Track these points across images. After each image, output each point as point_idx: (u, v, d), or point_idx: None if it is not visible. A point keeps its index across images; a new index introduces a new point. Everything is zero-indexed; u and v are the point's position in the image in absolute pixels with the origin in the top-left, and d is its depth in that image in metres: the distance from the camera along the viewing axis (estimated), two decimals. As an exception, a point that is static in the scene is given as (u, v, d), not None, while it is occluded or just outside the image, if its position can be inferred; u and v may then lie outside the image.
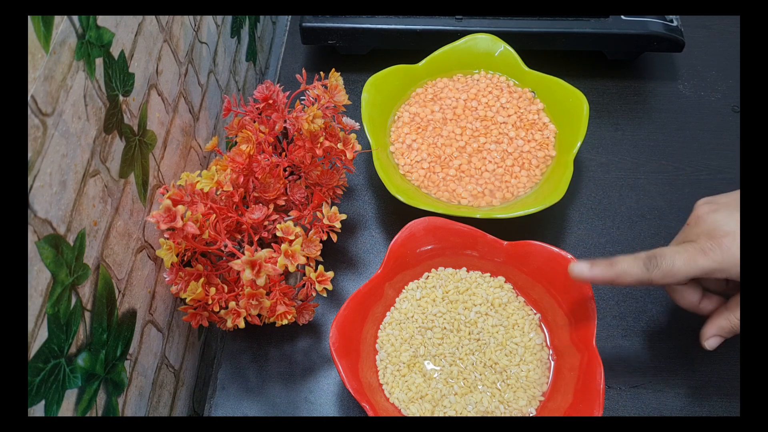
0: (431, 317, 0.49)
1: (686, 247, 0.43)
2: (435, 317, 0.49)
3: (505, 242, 0.49)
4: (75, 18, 0.34)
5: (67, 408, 0.34)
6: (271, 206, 0.46)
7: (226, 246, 0.43)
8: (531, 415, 0.45)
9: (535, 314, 0.49)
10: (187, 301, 0.43)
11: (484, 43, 0.62)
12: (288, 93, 0.51)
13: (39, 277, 0.31)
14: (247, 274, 0.40)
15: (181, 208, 0.39)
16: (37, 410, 0.31)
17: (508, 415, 0.45)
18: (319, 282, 0.45)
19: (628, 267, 0.42)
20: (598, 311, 0.48)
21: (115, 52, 0.39)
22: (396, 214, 0.58)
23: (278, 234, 0.43)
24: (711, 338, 0.45)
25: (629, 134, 0.64)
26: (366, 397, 0.43)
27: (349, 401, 0.49)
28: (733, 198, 0.44)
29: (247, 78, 0.72)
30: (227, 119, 0.63)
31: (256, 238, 0.46)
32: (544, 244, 0.48)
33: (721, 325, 0.45)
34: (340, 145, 0.48)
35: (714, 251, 0.42)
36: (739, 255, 0.41)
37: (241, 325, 0.43)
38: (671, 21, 0.63)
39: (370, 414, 0.42)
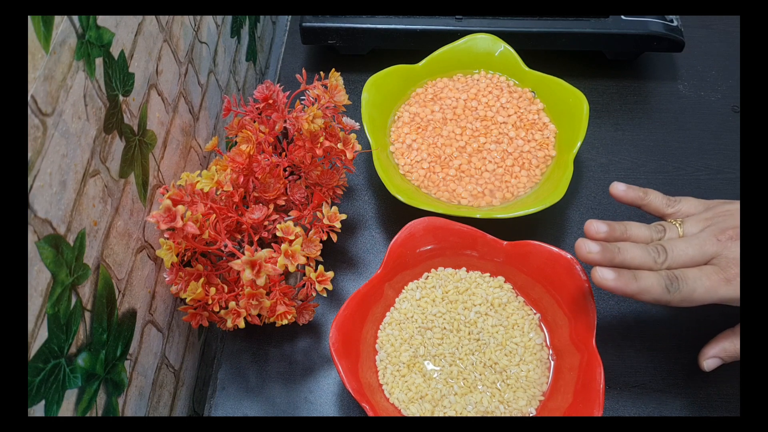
0: (431, 317, 0.49)
1: (710, 273, 0.42)
2: (435, 317, 0.49)
3: (505, 242, 0.49)
4: (75, 18, 0.34)
5: (67, 408, 0.34)
6: (271, 206, 0.46)
7: (226, 246, 0.43)
8: (531, 415, 0.45)
9: (535, 314, 0.49)
10: (187, 301, 0.43)
11: (484, 43, 0.62)
12: (288, 93, 0.51)
13: (39, 277, 0.31)
14: (247, 274, 0.40)
15: (181, 208, 0.39)
16: (37, 410, 0.31)
17: (508, 415, 0.45)
18: (319, 282, 0.45)
19: (651, 286, 0.41)
20: (598, 311, 0.48)
21: (115, 52, 0.39)
22: (396, 214, 0.58)
23: (278, 234, 0.43)
24: (711, 359, 0.45)
25: (629, 134, 0.64)
26: (366, 397, 0.43)
27: (349, 401, 0.49)
28: None
29: (247, 78, 0.72)
30: (227, 119, 0.63)
31: (256, 238, 0.46)
32: (544, 244, 0.48)
33: (725, 348, 0.45)
34: (340, 145, 0.48)
35: (737, 281, 0.41)
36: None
37: (241, 325, 0.43)
38: (671, 21, 0.63)
39: (370, 414, 0.42)
